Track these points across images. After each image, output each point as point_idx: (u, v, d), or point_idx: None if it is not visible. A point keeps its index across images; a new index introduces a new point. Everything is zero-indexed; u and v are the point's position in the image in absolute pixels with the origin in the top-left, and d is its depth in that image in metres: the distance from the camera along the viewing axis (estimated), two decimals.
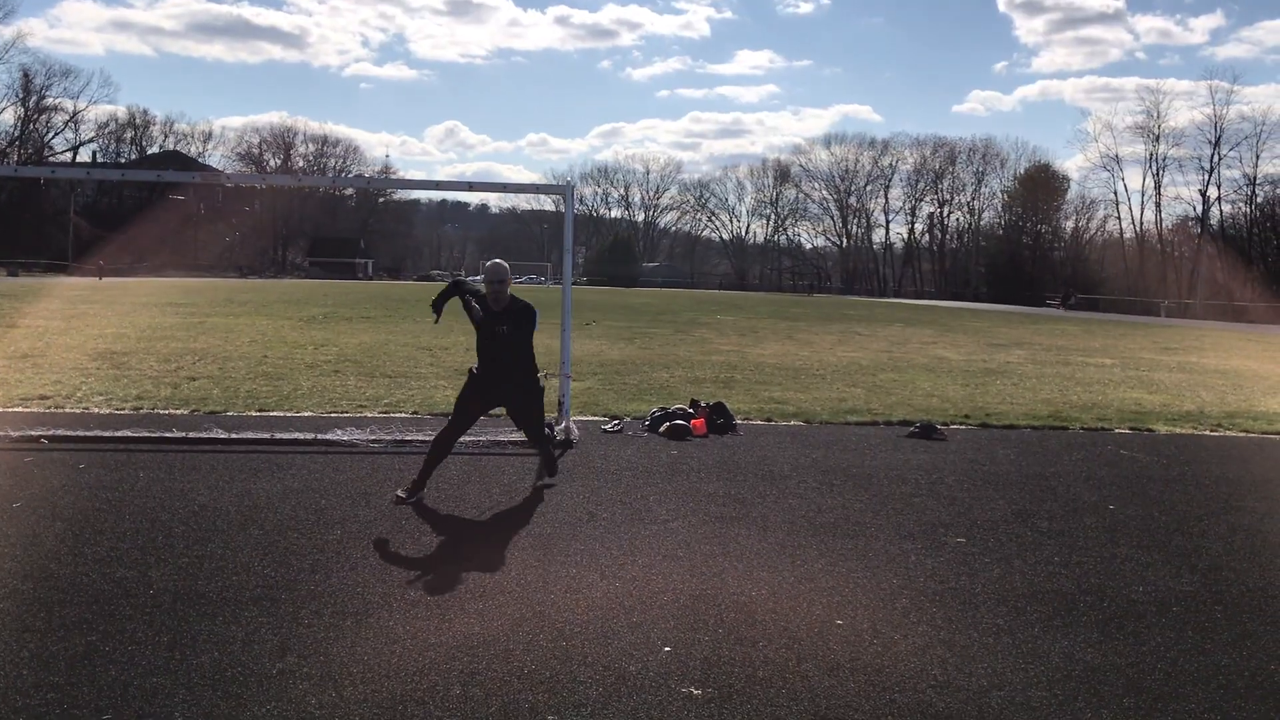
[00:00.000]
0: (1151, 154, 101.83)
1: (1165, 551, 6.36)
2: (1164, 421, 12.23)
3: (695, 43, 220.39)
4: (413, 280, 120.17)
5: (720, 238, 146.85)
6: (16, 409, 10.49)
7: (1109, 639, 4.74)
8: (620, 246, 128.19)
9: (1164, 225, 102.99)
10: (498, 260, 7.32)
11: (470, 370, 7.44)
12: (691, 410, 10.65)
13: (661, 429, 10.12)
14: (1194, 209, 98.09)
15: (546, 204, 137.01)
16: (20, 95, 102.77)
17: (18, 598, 4.83)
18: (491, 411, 8.02)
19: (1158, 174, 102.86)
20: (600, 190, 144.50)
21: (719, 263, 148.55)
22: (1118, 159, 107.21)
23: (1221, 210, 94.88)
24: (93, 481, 7.33)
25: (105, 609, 4.71)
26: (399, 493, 7.06)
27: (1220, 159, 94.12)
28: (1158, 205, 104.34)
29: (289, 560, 5.57)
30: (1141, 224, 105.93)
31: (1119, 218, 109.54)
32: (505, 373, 7.31)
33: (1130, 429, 11.59)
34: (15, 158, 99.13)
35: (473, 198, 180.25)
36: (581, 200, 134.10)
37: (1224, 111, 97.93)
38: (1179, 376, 18.66)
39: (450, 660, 4.25)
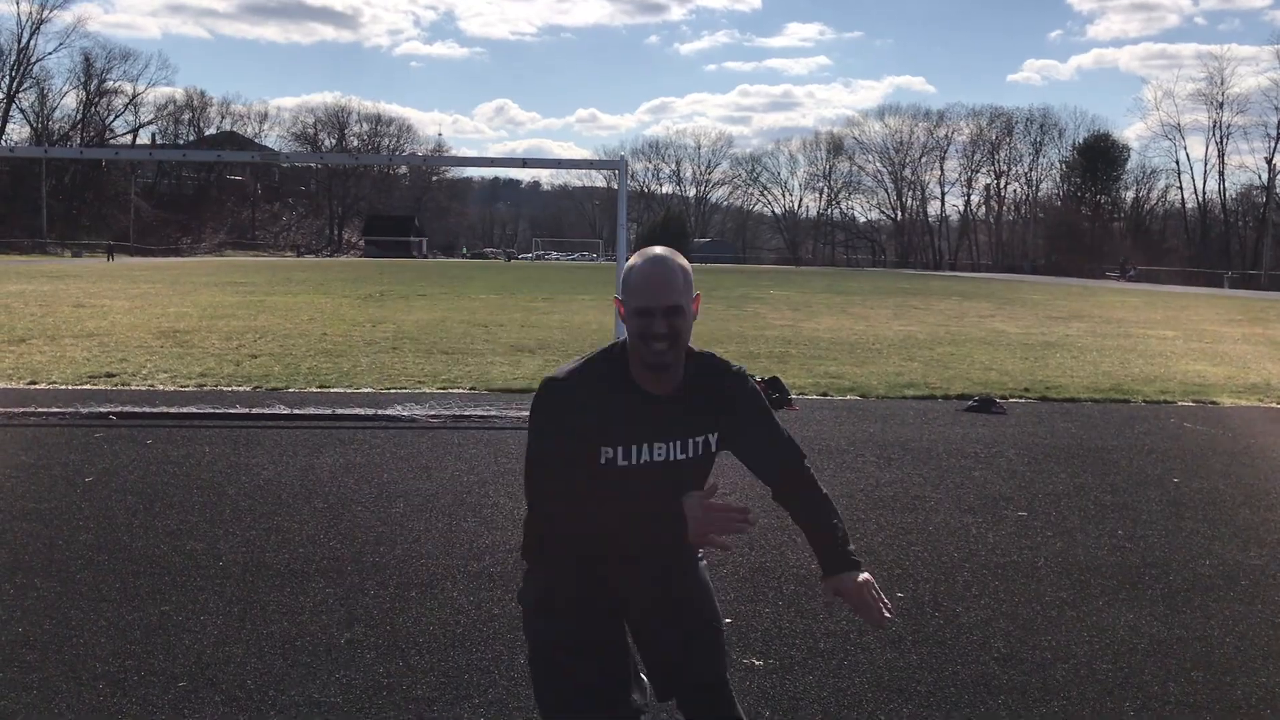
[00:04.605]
0: (1215, 122, 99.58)
1: (1232, 525, 6.25)
2: (1229, 394, 12.00)
3: (745, 15, 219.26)
4: (467, 257, 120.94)
5: (772, 212, 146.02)
6: (85, 386, 10.74)
7: (1175, 612, 4.68)
8: (672, 222, 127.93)
9: (1228, 194, 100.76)
10: (658, 252, 2.64)
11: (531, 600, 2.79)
12: None
13: None
14: (1259, 177, 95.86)
15: (598, 180, 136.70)
16: (82, 79, 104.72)
17: (94, 568, 4.96)
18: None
19: (1221, 142, 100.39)
20: (651, 166, 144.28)
21: (771, 237, 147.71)
22: (1179, 127, 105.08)
23: None
24: (160, 456, 7.49)
25: (177, 580, 4.83)
26: None
27: None
28: (1221, 174, 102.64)
29: (353, 533, 5.66)
30: (1204, 193, 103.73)
31: (1180, 187, 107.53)
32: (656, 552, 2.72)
33: (1194, 402, 11.39)
34: (78, 140, 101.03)
35: (525, 175, 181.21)
36: (632, 176, 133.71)
37: None
38: (1244, 348, 18.29)
39: (514, 630, 4.29)
